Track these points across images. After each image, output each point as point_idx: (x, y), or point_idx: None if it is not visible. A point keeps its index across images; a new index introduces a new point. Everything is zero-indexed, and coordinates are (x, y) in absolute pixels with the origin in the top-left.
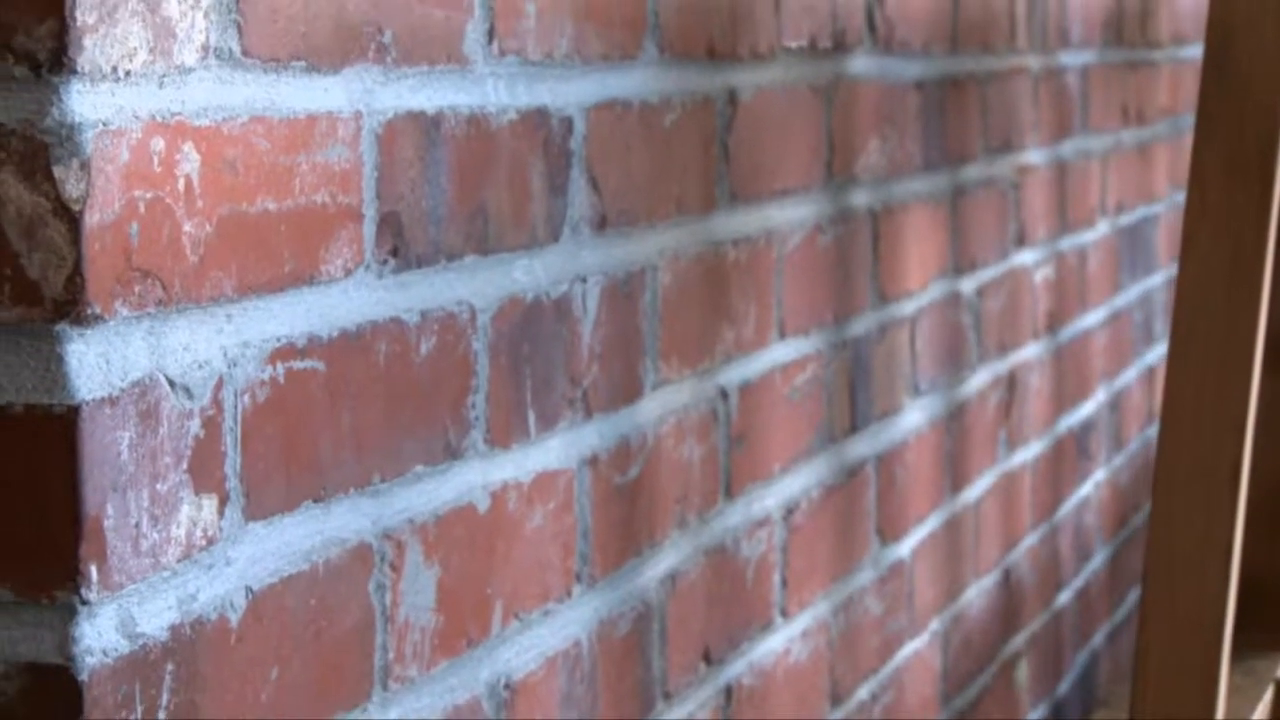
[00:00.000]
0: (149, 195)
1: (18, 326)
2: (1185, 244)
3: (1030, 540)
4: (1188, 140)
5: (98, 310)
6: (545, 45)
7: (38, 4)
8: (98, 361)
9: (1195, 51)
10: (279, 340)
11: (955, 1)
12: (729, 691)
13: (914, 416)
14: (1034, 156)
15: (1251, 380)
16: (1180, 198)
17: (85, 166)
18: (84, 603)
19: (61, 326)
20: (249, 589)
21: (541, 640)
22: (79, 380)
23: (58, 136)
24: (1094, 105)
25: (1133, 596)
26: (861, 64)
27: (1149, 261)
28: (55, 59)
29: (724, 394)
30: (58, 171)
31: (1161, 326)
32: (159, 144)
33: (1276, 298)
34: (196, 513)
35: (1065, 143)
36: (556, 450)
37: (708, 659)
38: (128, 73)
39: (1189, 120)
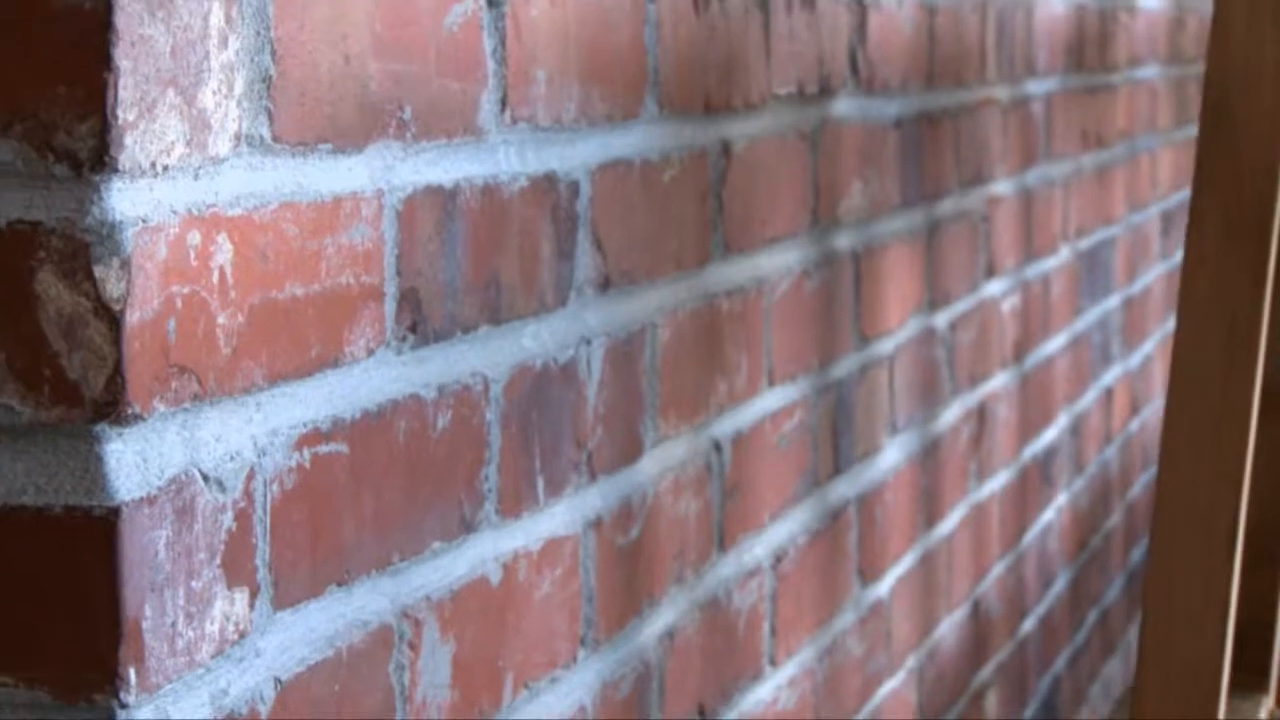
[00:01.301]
0: (185, 290)
1: (56, 427)
2: (1183, 299)
3: (998, 570)
4: (1144, 162)
5: (137, 410)
6: (554, 111)
7: (79, 102)
8: (135, 460)
9: (1150, 72)
10: (305, 425)
11: (931, 37)
12: None
13: (892, 455)
14: (1002, 187)
15: (1249, 434)
16: (1136, 219)
17: (126, 265)
18: (123, 706)
19: (101, 427)
20: (277, 680)
21: (549, 708)
22: (118, 481)
23: (98, 235)
24: (1056, 132)
25: (1092, 618)
26: (844, 106)
27: (1107, 284)
28: (97, 157)
29: (717, 446)
30: (98, 271)
31: (1118, 348)
32: (195, 237)
33: (1271, 351)
34: (229, 607)
35: (1030, 171)
36: (563, 516)
37: (702, 713)
38: (165, 167)
39: (1145, 142)
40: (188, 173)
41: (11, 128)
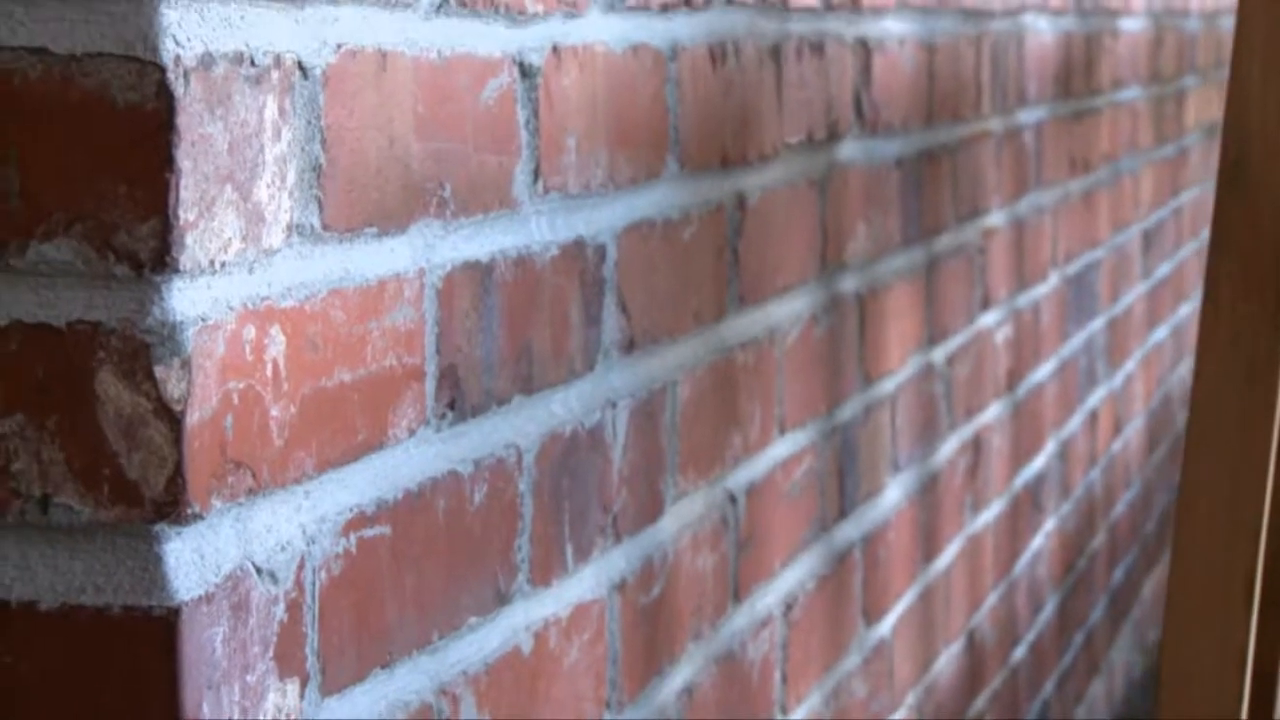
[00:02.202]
0: (241, 385)
1: (115, 526)
2: (1200, 355)
3: (991, 600)
4: (1126, 183)
5: (196, 509)
6: (583, 177)
7: (140, 202)
8: (193, 558)
9: (1132, 93)
10: (351, 510)
11: (931, 75)
12: None
13: (893, 493)
14: (996, 218)
15: (1266, 488)
16: (1120, 240)
17: (186, 365)
18: None
19: (160, 526)
20: None
21: None
22: (177, 580)
23: (159, 336)
24: (1046, 160)
25: (1078, 640)
26: (850, 149)
27: (1092, 306)
28: (158, 258)
29: (732, 498)
30: (159, 371)
31: (1102, 369)
32: (250, 332)
33: None
34: (281, 699)
35: (1022, 200)
36: (590, 580)
37: None
38: (223, 264)
39: (1128, 164)
40: (243, 267)
41: (72, 227)
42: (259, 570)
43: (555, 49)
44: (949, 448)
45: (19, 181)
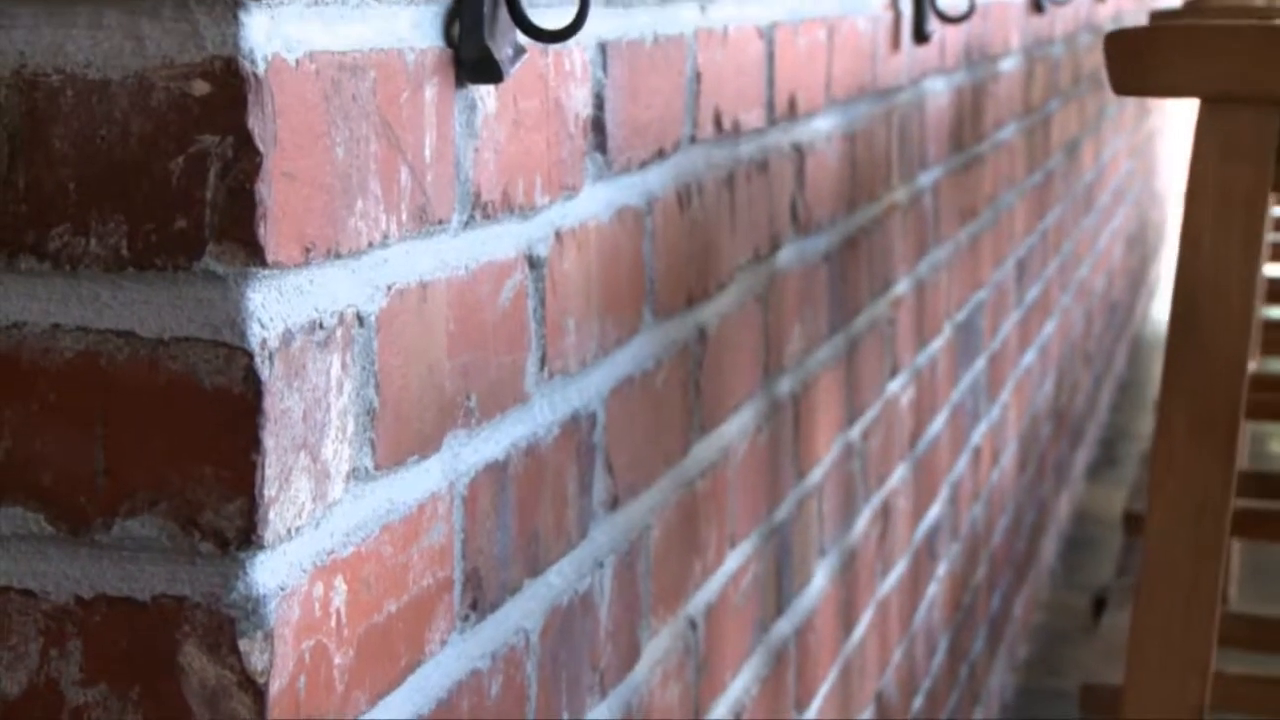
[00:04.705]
0: (312, 643)
1: None
2: (1153, 494)
3: (896, 657)
4: (1005, 219)
5: None
6: (580, 355)
7: (227, 483)
8: None
9: (1009, 132)
10: None
11: (853, 162)
12: None
13: (820, 580)
14: (902, 286)
15: (1214, 625)
16: (999, 276)
17: (269, 637)
18: None
19: None
20: None
21: None
22: None
23: (243, 610)
24: (943, 217)
25: (964, 674)
26: (786, 255)
27: (976, 347)
28: (244, 536)
29: (693, 624)
30: (243, 645)
31: (984, 404)
32: (319, 589)
33: None
34: None
35: (922, 263)
36: None
37: None
38: (298, 529)
39: (1006, 200)
40: (312, 525)
41: (156, 505)
42: None
43: (558, 234)
44: (863, 521)
45: (105, 460)
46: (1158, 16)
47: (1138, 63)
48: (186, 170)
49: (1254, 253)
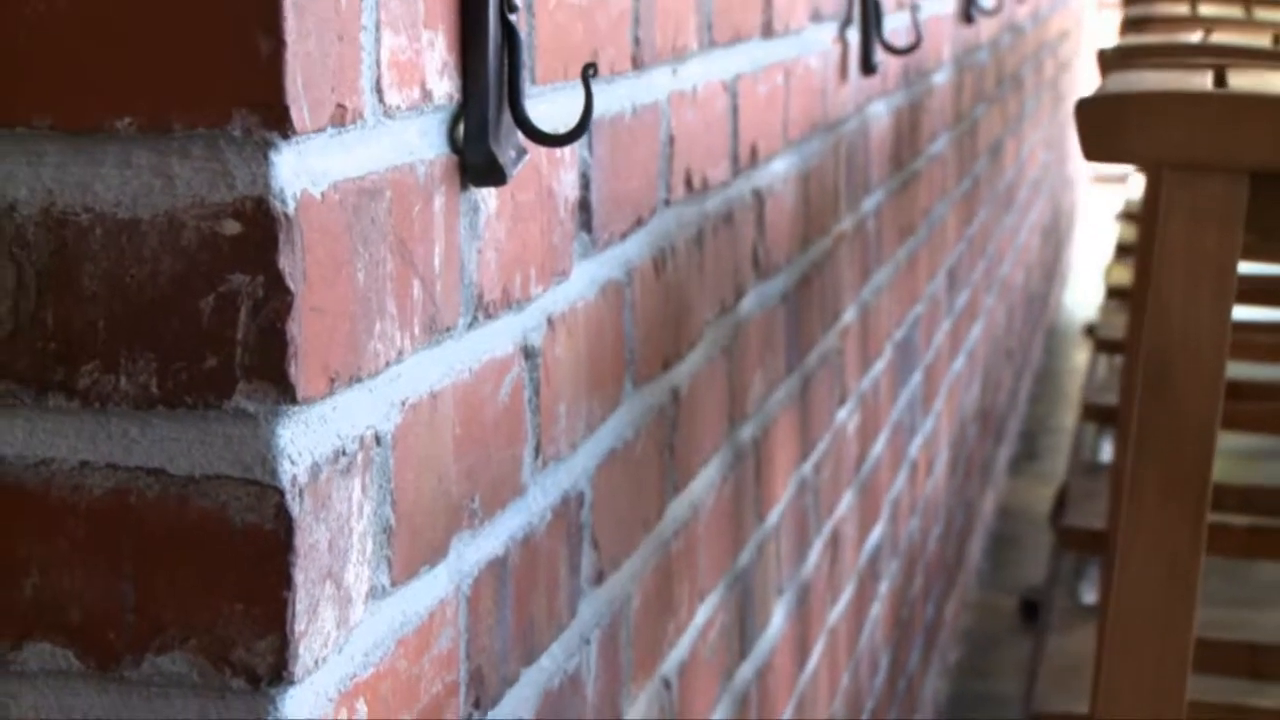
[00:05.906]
0: None
1: None
2: (1122, 557)
3: (844, 682)
4: (938, 231)
5: None
6: (571, 438)
7: (258, 620)
8: None
9: (940, 144)
10: None
11: (807, 200)
12: None
13: (778, 620)
14: (849, 315)
15: (1185, 684)
16: (933, 288)
17: None
18: None
19: None
20: None
21: None
22: None
23: None
24: (884, 239)
25: (902, 687)
26: (748, 303)
27: (914, 362)
28: (275, 673)
29: (667, 684)
30: None
31: (919, 418)
32: (344, 714)
33: None
34: None
35: (866, 287)
36: None
37: None
38: (324, 659)
39: (939, 211)
40: (335, 648)
41: (187, 642)
42: None
43: (550, 321)
44: (815, 553)
45: (135, 597)
46: (1108, 58)
47: (1107, 133)
48: (217, 309)
49: (1224, 317)
